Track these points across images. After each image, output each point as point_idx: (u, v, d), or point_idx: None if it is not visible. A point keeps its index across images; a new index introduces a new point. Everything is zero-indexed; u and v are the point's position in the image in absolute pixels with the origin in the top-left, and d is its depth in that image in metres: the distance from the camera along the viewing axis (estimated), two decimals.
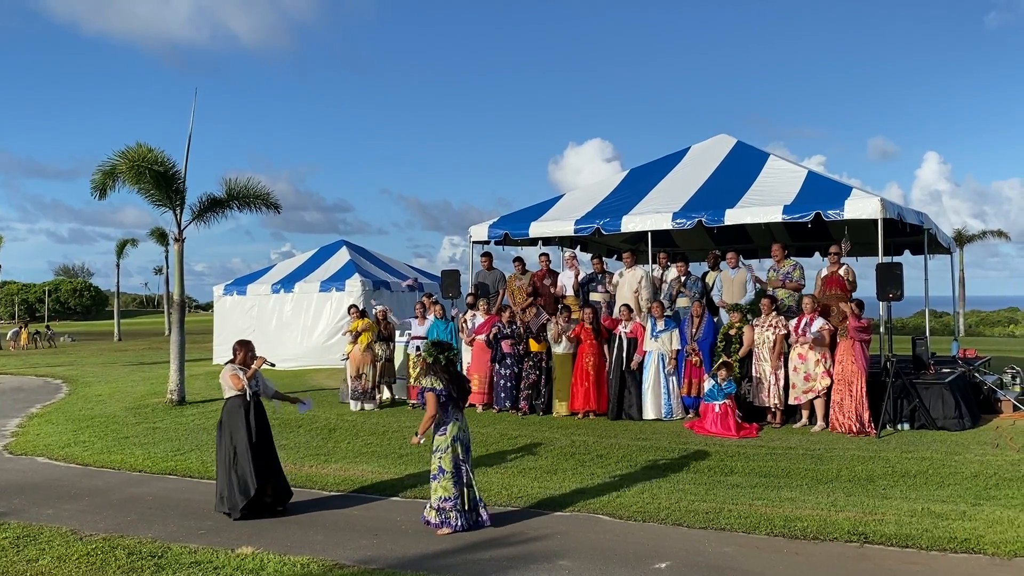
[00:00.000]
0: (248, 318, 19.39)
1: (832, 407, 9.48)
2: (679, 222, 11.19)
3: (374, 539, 5.70)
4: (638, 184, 12.92)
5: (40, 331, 32.52)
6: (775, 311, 9.99)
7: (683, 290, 11.16)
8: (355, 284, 18.15)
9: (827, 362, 9.57)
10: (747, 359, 10.09)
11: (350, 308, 12.80)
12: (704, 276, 11.52)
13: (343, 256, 20.16)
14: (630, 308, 10.92)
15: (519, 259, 12.56)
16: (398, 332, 12.82)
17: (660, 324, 10.55)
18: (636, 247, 14.60)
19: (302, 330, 18.73)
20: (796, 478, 7.25)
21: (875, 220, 9.89)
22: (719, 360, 9.96)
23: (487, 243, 13.18)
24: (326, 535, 5.83)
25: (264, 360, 6.64)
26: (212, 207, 13.38)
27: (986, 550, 5.20)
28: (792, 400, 9.80)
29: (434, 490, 5.91)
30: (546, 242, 14.31)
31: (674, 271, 11.50)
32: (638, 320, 10.91)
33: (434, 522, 5.86)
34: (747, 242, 15.84)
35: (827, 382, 9.52)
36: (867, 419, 9.21)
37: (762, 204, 10.84)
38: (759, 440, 9.03)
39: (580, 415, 10.77)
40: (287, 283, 19.30)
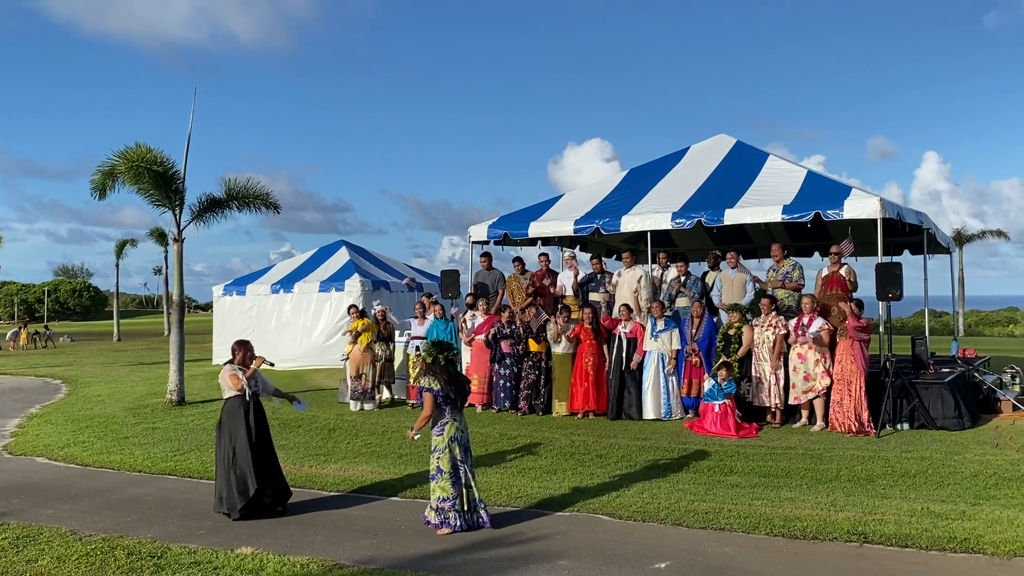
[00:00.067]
0: (247, 318, 19.38)
1: (832, 407, 9.48)
2: (678, 222, 11.19)
3: (374, 539, 5.69)
4: (637, 184, 12.92)
5: (39, 331, 32.51)
6: (775, 311, 9.99)
7: (683, 290, 11.16)
8: (354, 284, 18.15)
9: (827, 362, 9.57)
10: (746, 359, 10.09)
11: (350, 308, 12.80)
12: (704, 276, 11.52)
13: (342, 256, 20.16)
14: (629, 308, 10.92)
15: (518, 259, 12.56)
16: (397, 332, 12.82)
17: (660, 324, 10.55)
18: (636, 247, 14.60)
19: (301, 330, 18.73)
20: (796, 478, 7.25)
21: (874, 220, 9.89)
22: (719, 360, 9.96)
23: (486, 243, 13.18)
24: (326, 535, 5.83)
25: (263, 360, 6.64)
26: (211, 207, 13.37)
27: (986, 550, 5.20)
28: (792, 400, 9.80)
29: (433, 490, 5.91)
30: (545, 242, 14.31)
31: (674, 271, 11.50)
32: (638, 320, 10.92)
33: (434, 522, 5.86)
34: (747, 242, 15.84)
35: (827, 382, 9.53)
36: (866, 419, 9.22)
37: (761, 204, 10.84)
38: (759, 440, 9.03)
39: (580, 415, 10.77)
40: (286, 283, 19.29)
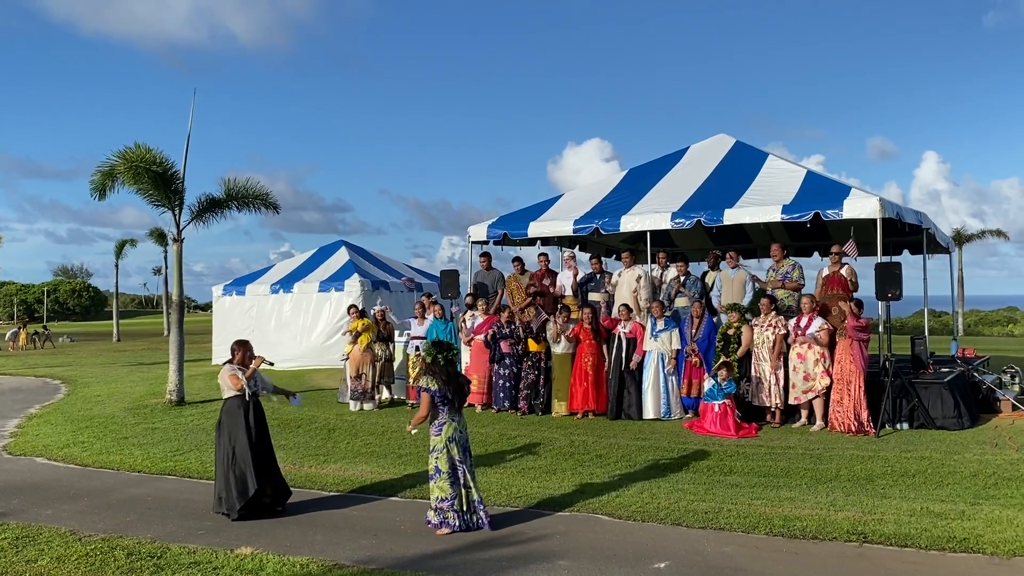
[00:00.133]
0: (247, 318, 19.38)
1: (831, 407, 9.48)
2: (678, 222, 11.19)
3: (373, 539, 5.69)
4: (637, 184, 12.92)
5: (39, 331, 32.51)
6: (774, 311, 9.99)
7: (682, 290, 11.16)
8: (354, 284, 18.15)
9: (826, 362, 9.58)
10: (746, 359, 10.09)
11: (350, 308, 12.80)
12: (703, 276, 11.53)
13: (342, 256, 20.16)
14: (629, 308, 10.92)
15: (518, 259, 12.57)
16: (397, 332, 12.82)
17: (660, 324, 10.55)
18: (635, 247, 14.61)
19: (301, 330, 18.73)
20: (795, 478, 7.25)
21: (874, 220, 9.90)
22: (719, 360, 9.96)
23: (486, 243, 13.18)
24: (325, 535, 5.83)
25: (263, 359, 6.64)
26: (211, 207, 13.38)
27: (985, 549, 5.20)
28: (792, 400, 9.80)
29: (432, 490, 5.90)
30: (545, 242, 14.31)
31: (673, 271, 11.50)
32: (637, 320, 10.92)
33: (434, 522, 5.85)
34: (746, 242, 15.85)
35: (826, 382, 9.53)
36: (866, 419, 9.22)
37: (761, 204, 10.85)
38: (758, 440, 9.04)
39: (579, 415, 10.77)
40: (286, 283, 19.29)
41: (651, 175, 13.13)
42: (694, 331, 10.51)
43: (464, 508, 5.86)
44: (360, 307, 13.05)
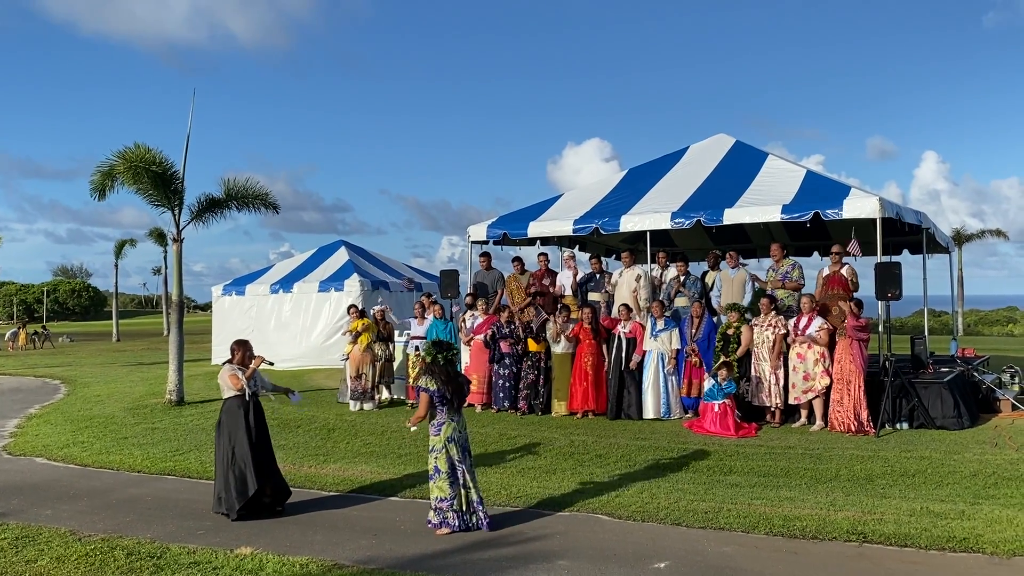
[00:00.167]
0: (247, 318, 19.38)
1: (831, 406, 9.48)
2: (678, 222, 11.19)
3: (373, 539, 5.69)
4: (637, 184, 12.92)
5: (38, 331, 32.51)
6: (774, 311, 9.99)
7: (682, 289, 11.17)
8: (354, 284, 18.15)
9: (826, 361, 9.58)
10: (746, 359, 10.09)
11: (350, 308, 12.80)
12: (703, 276, 11.53)
13: (342, 256, 20.16)
14: (629, 308, 10.92)
15: (518, 259, 12.57)
16: (397, 332, 12.82)
17: (660, 324, 10.55)
18: (635, 247, 14.61)
19: (301, 330, 18.72)
20: (795, 477, 7.25)
21: (874, 219, 9.90)
22: (719, 360, 9.96)
23: (486, 243, 13.18)
24: (325, 535, 5.83)
25: (263, 359, 6.64)
26: (210, 207, 13.38)
27: (985, 549, 5.20)
28: (792, 400, 9.80)
29: (431, 490, 5.90)
30: (545, 242, 14.31)
31: (673, 271, 11.50)
32: (637, 320, 10.92)
33: (434, 522, 5.85)
34: (746, 242, 15.85)
35: (826, 381, 9.53)
36: (866, 418, 9.22)
37: (761, 204, 10.85)
38: (758, 440, 9.04)
39: (579, 415, 10.77)
40: (286, 283, 19.29)
41: (651, 175, 13.13)
42: (694, 331, 10.51)
43: (463, 508, 5.85)
44: (360, 307, 13.05)
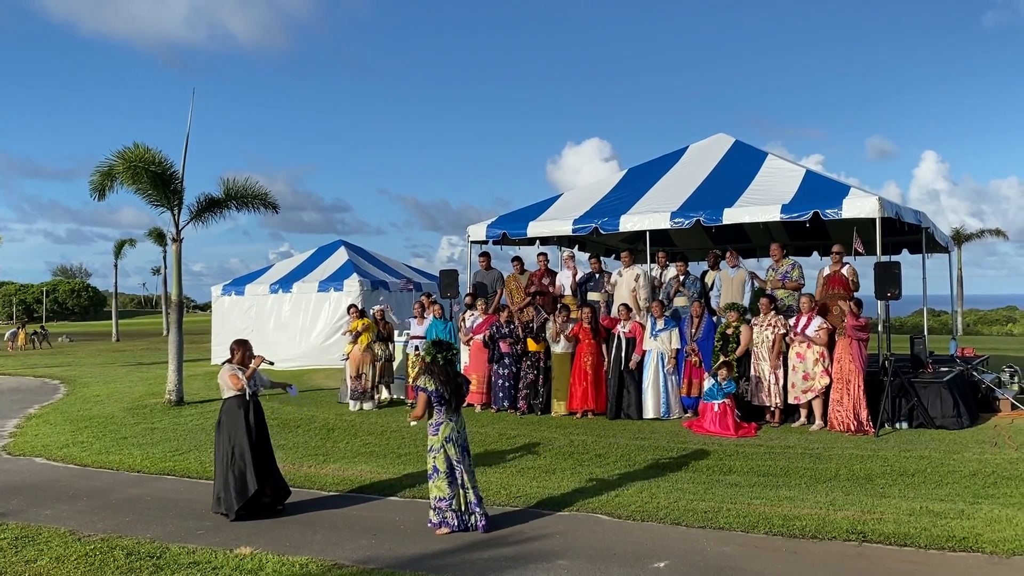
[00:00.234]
0: (246, 318, 19.37)
1: (831, 406, 9.48)
2: (677, 221, 11.19)
3: (373, 539, 5.69)
4: (636, 183, 12.92)
5: (37, 331, 32.50)
6: (774, 310, 9.99)
7: (681, 289, 11.17)
8: (353, 284, 18.15)
9: (826, 361, 9.58)
10: (745, 358, 10.09)
11: (350, 308, 12.80)
12: (703, 276, 11.53)
13: (341, 256, 20.15)
14: (628, 308, 10.92)
15: (517, 259, 12.57)
16: (396, 332, 12.82)
17: (660, 323, 10.55)
18: (634, 246, 14.62)
19: (300, 330, 18.72)
20: (795, 477, 7.25)
21: (873, 219, 9.90)
22: (719, 360, 9.96)
23: (485, 243, 13.18)
24: (325, 535, 5.83)
25: (263, 359, 6.64)
26: (210, 207, 13.37)
27: (984, 549, 5.20)
28: (791, 399, 9.80)
29: (430, 489, 5.90)
30: (544, 242, 14.31)
31: (673, 270, 11.50)
32: (636, 320, 10.92)
33: (434, 521, 5.85)
34: (745, 241, 15.84)
35: (826, 381, 9.53)
36: (865, 418, 9.22)
37: (760, 203, 10.85)
38: (758, 439, 9.04)
39: (578, 415, 10.77)
40: (285, 283, 19.28)
41: (650, 175, 13.13)
42: (694, 331, 10.51)
43: (462, 508, 5.85)
44: (360, 307, 13.04)
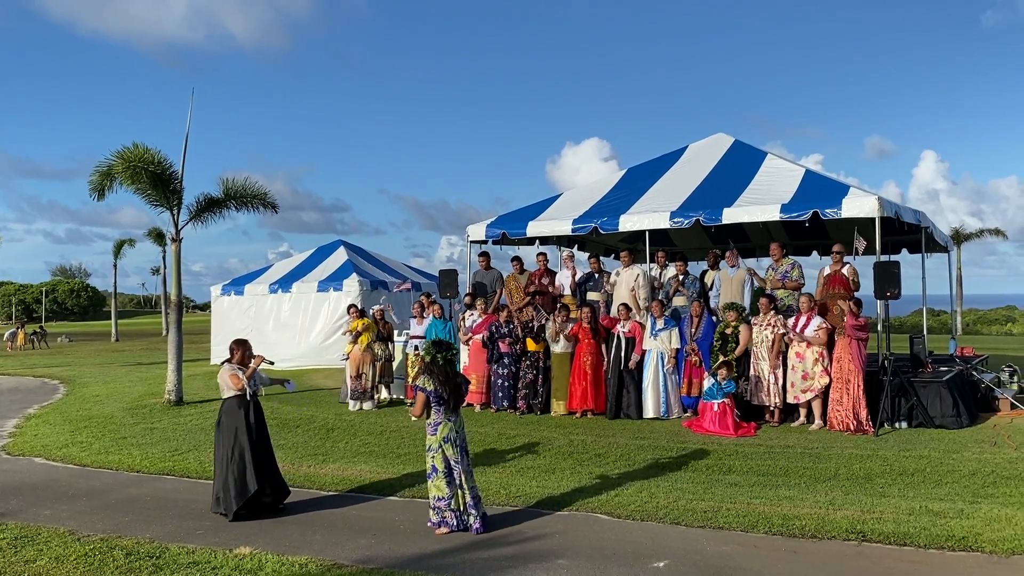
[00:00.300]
0: (246, 318, 19.37)
1: (830, 406, 9.48)
2: (677, 221, 11.19)
3: (372, 539, 5.69)
4: (636, 183, 12.92)
5: (37, 331, 32.50)
6: (773, 310, 9.99)
7: (681, 289, 11.17)
8: (353, 284, 18.15)
9: (825, 361, 9.58)
10: (745, 358, 10.08)
11: (350, 308, 12.80)
12: (703, 275, 11.53)
13: (341, 256, 20.15)
14: (628, 307, 10.92)
15: (517, 258, 12.57)
16: (396, 332, 12.82)
17: (659, 323, 10.55)
18: (634, 246, 14.62)
19: (300, 330, 18.72)
20: (794, 477, 7.25)
21: (872, 219, 9.91)
22: (718, 360, 9.96)
23: (485, 243, 13.18)
24: (324, 535, 5.83)
25: (263, 359, 6.64)
26: (209, 207, 13.37)
27: (984, 548, 5.20)
28: (791, 399, 9.80)
29: (429, 489, 5.90)
30: (544, 241, 14.31)
31: (672, 270, 11.51)
32: (636, 319, 10.92)
33: (433, 521, 5.85)
34: (745, 241, 15.84)
35: (826, 381, 9.53)
36: (865, 417, 9.22)
37: (760, 203, 10.85)
38: (757, 439, 9.04)
39: (578, 414, 10.77)
40: (285, 283, 19.28)
41: (650, 174, 13.13)
42: (694, 330, 10.51)
43: (461, 508, 5.85)
44: (360, 307, 13.04)
